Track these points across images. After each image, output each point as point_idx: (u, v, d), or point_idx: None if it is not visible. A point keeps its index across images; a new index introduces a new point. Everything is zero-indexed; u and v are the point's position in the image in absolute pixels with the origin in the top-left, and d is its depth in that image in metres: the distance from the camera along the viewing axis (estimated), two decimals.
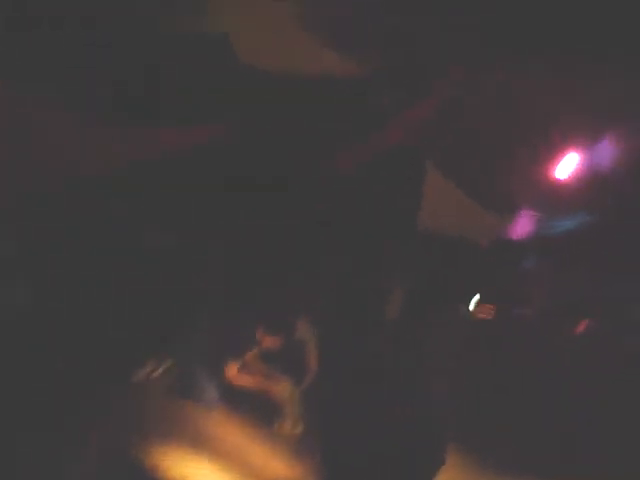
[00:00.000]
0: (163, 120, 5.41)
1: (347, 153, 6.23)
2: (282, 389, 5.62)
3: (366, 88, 5.79)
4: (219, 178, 5.82)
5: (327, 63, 5.51)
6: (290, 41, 5.35)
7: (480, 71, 5.84)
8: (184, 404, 5.09)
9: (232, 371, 5.49)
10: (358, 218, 6.53)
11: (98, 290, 5.40)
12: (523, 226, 7.05)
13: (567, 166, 6.69)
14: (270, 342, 5.74)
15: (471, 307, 7.58)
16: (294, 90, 5.60)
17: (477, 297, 7.59)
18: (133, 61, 5.22)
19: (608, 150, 6.59)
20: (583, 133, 6.57)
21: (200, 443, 4.55)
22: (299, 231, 6.31)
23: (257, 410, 5.27)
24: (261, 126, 5.72)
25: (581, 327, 7.73)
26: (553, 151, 6.62)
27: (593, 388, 6.61)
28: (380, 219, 6.63)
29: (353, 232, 6.54)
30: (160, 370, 5.31)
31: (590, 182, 6.69)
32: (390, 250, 6.76)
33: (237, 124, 5.64)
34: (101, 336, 5.08)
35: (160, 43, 5.25)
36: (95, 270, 5.43)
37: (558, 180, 6.70)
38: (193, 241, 5.76)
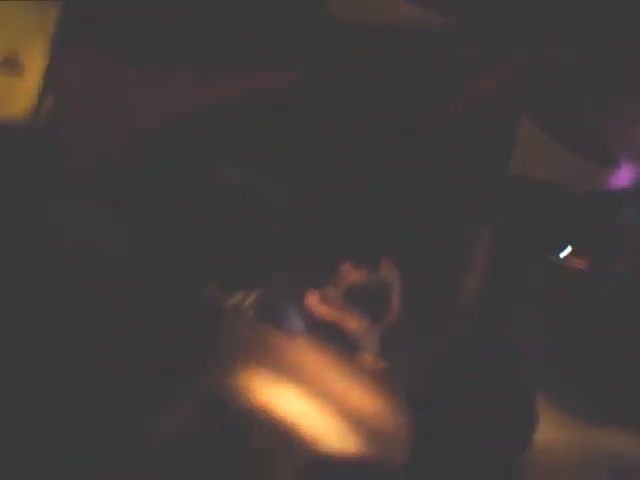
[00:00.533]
0: (245, 64, 5.43)
1: (442, 103, 6.16)
2: (359, 325, 5.66)
3: (457, 40, 5.69)
4: (300, 121, 5.84)
5: (419, 16, 5.43)
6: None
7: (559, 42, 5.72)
8: (268, 332, 5.16)
9: (312, 300, 5.54)
10: (451, 162, 6.47)
11: (187, 225, 5.50)
12: (621, 178, 6.84)
13: None
14: (354, 276, 5.77)
15: (564, 255, 7.45)
16: (385, 42, 5.53)
17: (569, 248, 7.44)
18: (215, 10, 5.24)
19: None
20: None
21: (283, 371, 4.59)
22: (387, 172, 6.29)
23: (340, 342, 5.35)
24: (340, 76, 5.70)
25: None
26: None
27: None
28: (473, 165, 6.56)
29: (444, 176, 6.49)
30: (249, 300, 5.39)
31: None
32: (480, 195, 6.69)
33: (321, 72, 5.63)
34: (192, 268, 5.17)
35: None
36: (182, 209, 5.55)
37: None
38: (278, 178, 5.81)
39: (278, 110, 5.58)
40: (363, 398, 4.50)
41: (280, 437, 3.94)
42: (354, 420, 4.21)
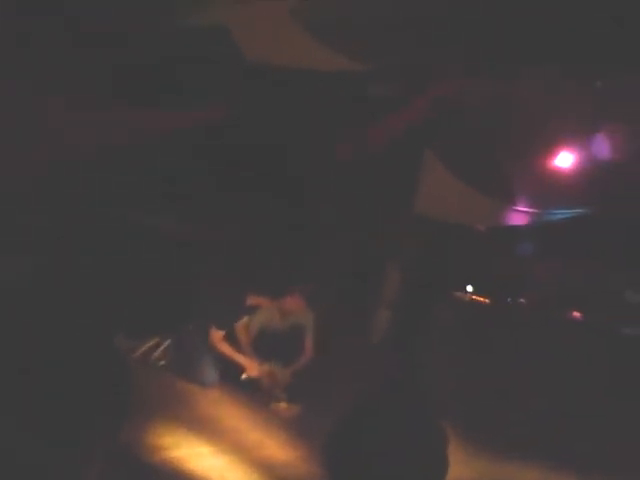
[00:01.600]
0: (162, 104, 5.40)
1: (346, 144, 6.25)
2: (269, 368, 5.59)
3: (365, 83, 5.79)
4: (214, 161, 5.84)
5: (326, 59, 5.50)
6: (290, 37, 5.34)
7: (477, 73, 5.86)
8: (181, 385, 5.09)
9: (217, 339, 5.44)
10: (356, 203, 6.55)
11: (96, 272, 5.39)
12: (520, 215, 7.06)
13: (565, 158, 6.70)
14: (265, 317, 5.70)
15: (468, 292, 7.62)
16: (293, 83, 5.59)
17: (471, 286, 7.64)
18: (135, 50, 5.20)
19: (604, 144, 6.60)
20: (580, 127, 6.59)
21: (197, 424, 4.54)
22: (295, 214, 6.33)
23: (253, 390, 5.30)
24: (260, 116, 5.73)
25: (575, 316, 7.79)
26: (552, 143, 6.63)
27: (586, 374, 6.65)
28: (377, 204, 6.66)
29: (350, 216, 6.56)
30: (159, 349, 5.30)
31: (587, 174, 6.70)
32: (387, 233, 6.79)
33: (235, 113, 5.65)
34: (98, 316, 5.06)
35: (161, 34, 5.24)
36: (92, 251, 5.43)
37: (556, 171, 6.70)
38: (190, 220, 5.76)
39: (197, 147, 5.57)
40: (277, 447, 4.49)
41: None
42: (269, 470, 4.19)
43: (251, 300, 5.67)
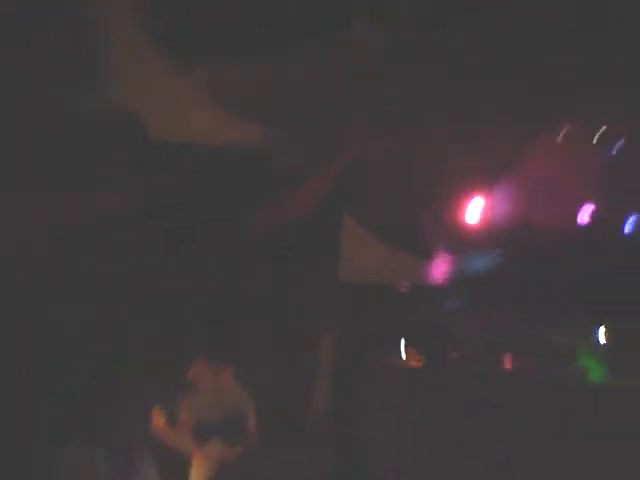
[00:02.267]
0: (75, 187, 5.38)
1: (260, 215, 6.33)
2: (211, 451, 5.37)
3: (271, 154, 5.93)
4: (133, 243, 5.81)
5: (231, 132, 5.62)
6: (195, 113, 5.45)
7: (381, 133, 6.11)
8: None
9: (158, 421, 5.29)
10: (280, 273, 6.57)
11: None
12: (440, 268, 7.22)
13: (475, 210, 6.96)
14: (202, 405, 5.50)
15: (402, 354, 7.64)
16: (202, 159, 5.68)
17: (403, 343, 7.67)
18: (44, 135, 5.21)
19: (509, 193, 6.92)
20: (486, 179, 6.90)
21: None
22: (218, 289, 6.30)
23: None
24: (171, 194, 5.77)
25: (506, 363, 7.90)
26: (460, 196, 6.90)
27: (525, 416, 6.71)
28: (301, 272, 6.70)
29: (276, 286, 6.56)
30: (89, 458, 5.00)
31: (498, 223, 6.97)
32: (314, 302, 6.79)
33: (147, 193, 5.67)
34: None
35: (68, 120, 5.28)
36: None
37: (468, 223, 6.95)
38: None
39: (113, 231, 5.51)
40: None
41: None
42: None
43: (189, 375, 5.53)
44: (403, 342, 7.49)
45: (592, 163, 6.68)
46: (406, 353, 7.49)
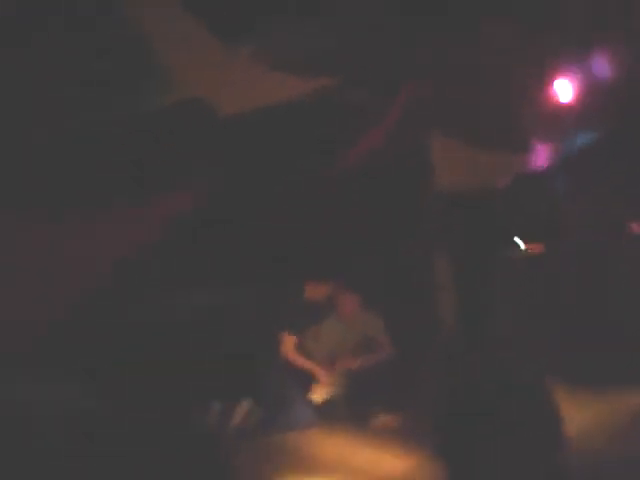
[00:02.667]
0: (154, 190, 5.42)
1: (355, 151, 6.25)
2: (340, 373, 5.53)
3: (341, 97, 5.78)
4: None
5: (294, 89, 5.49)
6: (258, 83, 5.35)
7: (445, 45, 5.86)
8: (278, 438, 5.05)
9: (289, 346, 5.41)
10: (386, 200, 6.53)
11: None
12: (541, 156, 6.98)
13: (566, 89, 6.63)
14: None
15: (521, 246, 7.52)
16: (279, 123, 5.59)
17: (519, 239, 7.53)
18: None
19: (601, 64, 6.52)
20: (573, 54, 6.53)
21: (308, 468, 4.51)
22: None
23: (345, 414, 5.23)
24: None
25: (631, 230, 7.65)
26: (549, 78, 6.57)
27: None
28: (404, 197, 6.63)
29: (383, 214, 6.54)
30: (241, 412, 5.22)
31: (591, 99, 6.63)
32: (421, 221, 6.74)
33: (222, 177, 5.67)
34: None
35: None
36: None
37: (561, 104, 6.64)
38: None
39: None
40: (391, 461, 4.43)
41: None
42: None
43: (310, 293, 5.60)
44: (520, 237, 7.35)
45: None
46: (525, 246, 7.36)
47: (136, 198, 5.18)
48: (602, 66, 6.38)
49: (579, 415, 4.76)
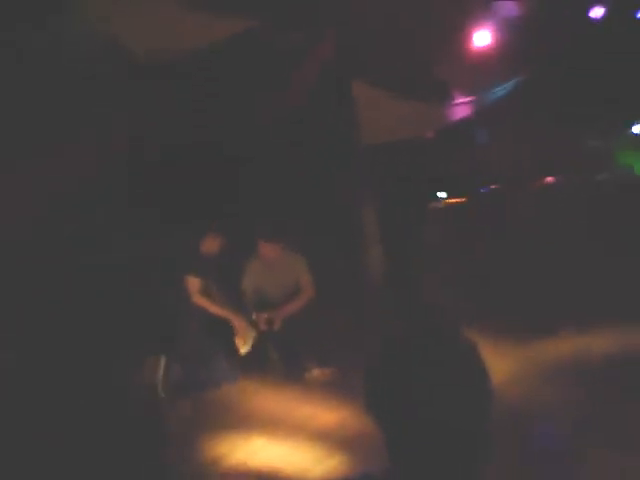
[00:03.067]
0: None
1: (275, 100, 6.18)
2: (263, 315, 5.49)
3: (261, 41, 5.70)
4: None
5: (218, 31, 5.39)
6: (180, 24, 5.22)
7: None
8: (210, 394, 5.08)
9: (193, 289, 5.33)
10: (309, 152, 6.50)
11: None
12: (462, 106, 7.05)
13: (483, 36, 6.69)
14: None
15: (441, 199, 7.65)
16: (202, 64, 5.48)
17: (443, 192, 7.66)
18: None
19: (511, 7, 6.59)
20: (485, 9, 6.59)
21: (244, 422, 4.54)
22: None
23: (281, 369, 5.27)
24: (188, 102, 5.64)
25: (549, 181, 7.85)
26: (465, 25, 6.60)
27: (577, 230, 6.73)
28: (327, 148, 6.61)
29: (307, 166, 6.52)
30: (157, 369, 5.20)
31: (507, 45, 6.69)
32: (344, 173, 6.74)
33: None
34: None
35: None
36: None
37: (478, 49, 6.69)
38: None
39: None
40: (327, 412, 4.49)
41: None
42: (328, 437, 4.21)
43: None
44: (443, 189, 7.47)
45: None
46: (447, 198, 7.48)
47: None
48: (509, 10, 6.46)
49: (501, 365, 4.94)
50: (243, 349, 5.38)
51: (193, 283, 5.36)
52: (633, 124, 7.75)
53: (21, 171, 5.17)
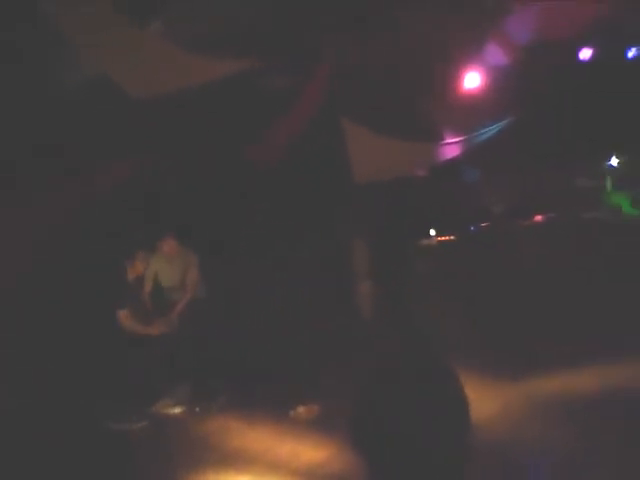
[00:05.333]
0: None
1: (265, 141, 6.19)
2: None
3: (257, 80, 5.72)
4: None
5: (211, 69, 5.41)
6: (167, 64, 5.24)
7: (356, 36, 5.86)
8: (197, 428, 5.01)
9: (124, 320, 5.61)
10: (298, 191, 6.50)
11: None
12: (452, 145, 7.06)
13: (473, 79, 6.73)
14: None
15: (432, 236, 7.61)
16: (191, 105, 5.50)
17: (433, 229, 7.62)
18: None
19: (497, 52, 6.64)
20: (472, 45, 6.62)
21: (226, 459, 4.46)
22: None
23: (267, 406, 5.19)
24: (171, 147, 5.67)
25: (537, 218, 7.83)
26: (456, 70, 6.64)
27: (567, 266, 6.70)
28: (318, 187, 6.60)
29: (299, 205, 6.51)
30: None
31: (498, 85, 6.73)
32: (338, 212, 6.73)
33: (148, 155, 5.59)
34: None
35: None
36: None
37: (469, 92, 6.73)
38: None
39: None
40: (311, 450, 4.41)
41: None
42: (310, 476, 4.13)
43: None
44: (433, 226, 7.44)
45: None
46: (438, 235, 7.45)
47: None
48: (498, 55, 6.50)
49: (489, 402, 4.88)
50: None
51: (123, 316, 5.66)
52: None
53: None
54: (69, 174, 5.47)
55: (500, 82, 6.67)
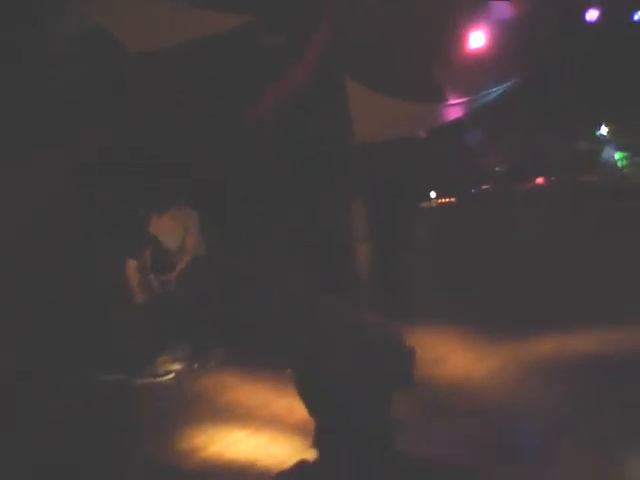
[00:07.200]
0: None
1: (264, 99, 6.13)
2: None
3: (255, 37, 5.64)
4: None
5: (208, 25, 5.33)
6: (173, 18, 5.16)
7: None
8: (193, 385, 5.04)
9: (130, 269, 5.67)
10: (303, 151, 6.44)
11: None
12: (455, 106, 6.99)
13: (478, 38, 6.64)
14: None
15: (433, 199, 7.58)
16: (190, 60, 5.42)
17: (434, 192, 7.58)
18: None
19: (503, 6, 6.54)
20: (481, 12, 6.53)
21: (222, 414, 4.49)
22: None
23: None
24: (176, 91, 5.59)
25: (538, 181, 7.79)
26: (460, 29, 6.55)
27: (566, 233, 6.67)
28: (321, 147, 6.54)
29: (302, 167, 6.46)
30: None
31: (503, 44, 6.64)
32: (336, 171, 6.67)
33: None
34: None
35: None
36: None
37: (473, 51, 6.64)
38: None
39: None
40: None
41: None
42: (306, 432, 4.14)
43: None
44: (434, 189, 7.39)
45: None
46: (438, 198, 7.41)
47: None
48: (503, 13, 6.41)
49: (484, 361, 4.90)
50: None
51: (130, 265, 5.71)
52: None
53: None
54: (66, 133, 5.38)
55: (504, 43, 6.57)
